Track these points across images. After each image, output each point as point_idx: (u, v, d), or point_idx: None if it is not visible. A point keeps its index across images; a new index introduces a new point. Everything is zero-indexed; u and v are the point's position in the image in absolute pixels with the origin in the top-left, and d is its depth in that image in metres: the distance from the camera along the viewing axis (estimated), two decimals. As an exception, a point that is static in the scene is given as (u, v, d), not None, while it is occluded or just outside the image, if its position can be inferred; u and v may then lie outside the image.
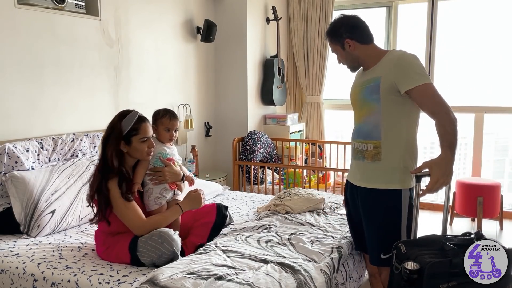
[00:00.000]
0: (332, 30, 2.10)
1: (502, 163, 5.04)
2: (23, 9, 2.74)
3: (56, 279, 1.96)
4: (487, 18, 4.55)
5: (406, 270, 1.68)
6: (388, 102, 1.98)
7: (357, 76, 2.20)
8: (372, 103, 2.01)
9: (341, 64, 2.18)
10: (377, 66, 2.03)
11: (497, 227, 4.14)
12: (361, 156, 2.08)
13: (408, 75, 1.91)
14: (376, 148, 2.02)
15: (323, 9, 4.80)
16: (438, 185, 1.79)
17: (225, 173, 4.36)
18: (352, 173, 2.18)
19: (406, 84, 1.91)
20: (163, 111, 2.34)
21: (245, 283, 1.78)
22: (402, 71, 1.93)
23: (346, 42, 2.07)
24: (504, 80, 4.54)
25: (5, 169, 2.50)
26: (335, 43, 2.11)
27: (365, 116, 2.05)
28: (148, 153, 2.19)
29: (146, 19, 3.68)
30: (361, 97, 2.07)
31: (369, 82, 2.02)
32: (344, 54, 2.10)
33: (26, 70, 2.80)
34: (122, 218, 2.09)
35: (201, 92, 4.43)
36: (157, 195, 2.25)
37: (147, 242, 2.01)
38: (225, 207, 2.48)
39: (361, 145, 2.07)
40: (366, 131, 2.05)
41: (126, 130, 2.12)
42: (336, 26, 2.09)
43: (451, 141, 1.83)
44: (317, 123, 5.05)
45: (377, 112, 2.00)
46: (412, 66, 1.93)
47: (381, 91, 1.97)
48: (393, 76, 1.94)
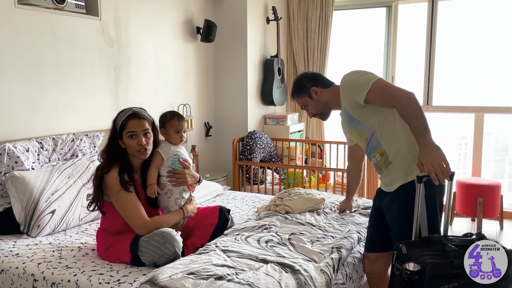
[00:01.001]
0: (296, 85, 2.28)
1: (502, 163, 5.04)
2: (23, 9, 2.74)
3: (56, 279, 1.96)
4: (487, 18, 4.55)
5: (407, 271, 1.68)
6: (363, 117, 2.09)
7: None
8: (359, 128, 2.14)
9: (314, 117, 2.34)
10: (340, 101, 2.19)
11: (497, 227, 4.14)
12: (378, 169, 2.16)
13: (353, 90, 2.04)
14: (383, 154, 2.08)
15: (323, 9, 4.80)
16: (435, 166, 1.73)
17: (225, 173, 4.36)
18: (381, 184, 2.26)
19: (358, 98, 2.02)
20: (170, 113, 2.34)
21: (245, 283, 1.78)
22: (348, 91, 2.07)
23: (312, 90, 2.22)
24: (504, 80, 4.54)
25: (5, 169, 2.50)
26: (302, 96, 2.26)
27: (364, 139, 2.16)
28: (139, 150, 2.15)
29: (146, 19, 3.68)
30: (353, 130, 2.19)
31: (344, 116, 2.20)
32: (314, 103, 2.24)
33: (26, 70, 2.80)
34: (125, 217, 2.09)
35: (201, 92, 4.43)
36: (177, 197, 2.27)
37: (149, 242, 2.01)
38: (228, 210, 2.48)
39: (373, 160, 2.15)
40: (370, 147, 2.14)
41: (118, 126, 2.14)
42: (298, 81, 2.28)
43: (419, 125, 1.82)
44: (317, 123, 5.05)
45: (367, 129, 2.10)
46: (351, 81, 2.06)
47: (352, 115, 2.12)
48: (348, 100, 2.09)
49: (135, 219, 2.08)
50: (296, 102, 2.33)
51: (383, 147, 2.07)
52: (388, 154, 2.06)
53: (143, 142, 2.14)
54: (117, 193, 2.07)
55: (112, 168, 2.10)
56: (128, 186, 2.08)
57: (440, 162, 1.74)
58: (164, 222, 2.14)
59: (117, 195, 2.07)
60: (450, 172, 1.76)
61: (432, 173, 1.75)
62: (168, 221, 2.17)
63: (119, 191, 2.07)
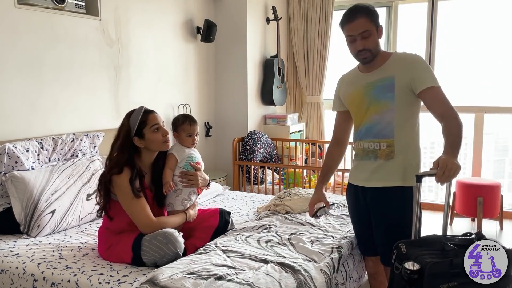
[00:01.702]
0: (373, 10, 2.02)
1: (502, 163, 5.04)
2: (23, 9, 2.74)
3: (56, 279, 1.96)
4: (487, 18, 4.55)
5: (407, 270, 1.68)
6: (402, 100, 2.01)
7: (355, 79, 2.16)
8: (385, 101, 2.02)
9: (363, 50, 2.02)
10: (386, 65, 2.05)
11: (497, 227, 4.14)
12: (372, 155, 2.07)
13: (424, 76, 1.97)
14: (390, 146, 2.03)
15: (323, 9, 4.80)
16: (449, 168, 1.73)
17: (225, 173, 4.36)
18: (358, 174, 2.16)
19: (422, 84, 1.96)
20: (182, 117, 2.37)
21: (245, 283, 1.78)
22: (419, 71, 1.97)
23: (379, 29, 2.04)
24: (504, 80, 4.54)
25: (5, 169, 2.50)
26: (373, 23, 2.00)
27: (375, 115, 2.05)
28: (164, 141, 2.20)
29: (146, 19, 3.68)
30: (370, 95, 2.05)
31: (381, 81, 2.03)
32: (376, 38, 2.03)
33: (26, 70, 2.80)
34: (131, 215, 2.10)
35: (201, 92, 4.43)
36: (184, 197, 2.30)
37: (151, 242, 2.02)
38: (228, 213, 2.49)
39: (372, 145, 2.07)
40: (378, 130, 2.05)
41: (136, 125, 2.14)
42: (374, 10, 2.03)
43: (456, 143, 1.86)
44: (317, 123, 5.05)
45: (391, 110, 2.02)
46: (427, 68, 2.00)
47: (396, 89, 2.00)
48: (409, 76, 1.98)
49: (141, 218, 2.09)
50: (359, 21, 1.98)
51: (395, 140, 2.02)
52: (395, 149, 2.02)
53: (167, 132, 2.21)
54: (126, 195, 2.08)
55: (124, 171, 2.09)
56: (138, 193, 2.09)
57: (455, 170, 1.74)
58: (168, 223, 2.16)
59: (126, 196, 2.08)
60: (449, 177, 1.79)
61: (441, 171, 1.73)
62: (172, 222, 2.19)
63: (128, 194, 2.08)
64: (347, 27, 2.02)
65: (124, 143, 2.14)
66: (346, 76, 2.25)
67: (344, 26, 2.04)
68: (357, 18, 1.99)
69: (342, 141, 2.31)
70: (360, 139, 2.12)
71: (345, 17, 2.03)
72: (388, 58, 2.06)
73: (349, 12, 2.03)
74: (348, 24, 2.01)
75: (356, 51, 2.05)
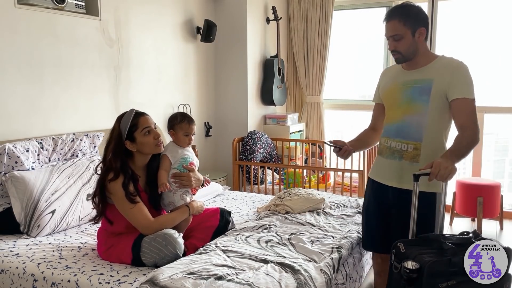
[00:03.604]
0: (413, 13, 1.99)
1: (502, 163, 5.04)
2: (23, 9, 2.75)
3: (56, 279, 1.96)
4: (487, 18, 4.55)
5: (406, 270, 1.68)
6: (436, 105, 2.00)
7: (396, 74, 2.15)
8: (419, 103, 2.02)
9: (393, 51, 2.05)
10: (428, 67, 2.03)
11: (497, 227, 4.14)
12: (398, 156, 2.08)
13: (462, 85, 1.96)
14: (416, 149, 2.03)
15: (323, 9, 4.80)
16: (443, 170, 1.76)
17: (225, 173, 4.36)
18: (381, 172, 2.16)
19: (457, 93, 1.96)
20: (180, 116, 2.33)
21: (245, 283, 1.78)
22: (458, 79, 1.97)
23: (420, 31, 2.00)
24: (504, 80, 4.54)
25: (5, 169, 2.50)
26: (408, 27, 1.98)
27: (408, 115, 2.05)
28: (157, 144, 2.18)
29: (146, 19, 3.68)
30: (406, 95, 2.05)
31: (419, 83, 2.03)
32: (410, 41, 2.00)
33: (26, 70, 2.80)
34: (129, 219, 2.09)
35: (201, 92, 4.43)
36: (181, 192, 2.28)
37: (150, 243, 2.01)
38: (229, 213, 2.49)
39: (400, 145, 2.07)
40: (408, 131, 2.05)
41: (126, 129, 2.12)
42: (417, 11, 2.01)
43: (460, 152, 1.88)
44: (317, 123, 5.05)
45: (423, 113, 2.01)
46: (468, 78, 1.99)
47: (432, 93, 1.99)
48: (447, 82, 1.97)
49: (140, 220, 2.08)
50: (391, 24, 2.00)
51: (422, 144, 2.02)
52: (421, 153, 2.02)
53: (159, 134, 2.19)
54: (121, 200, 2.07)
55: (118, 177, 2.08)
56: (133, 199, 2.08)
57: (447, 175, 1.78)
58: (168, 221, 2.15)
59: (122, 201, 2.07)
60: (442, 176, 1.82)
61: (433, 175, 1.78)
62: (172, 220, 2.17)
63: (123, 199, 2.07)
64: (384, 26, 2.05)
65: (116, 147, 2.13)
66: (389, 70, 2.24)
67: (384, 24, 2.06)
68: (390, 20, 2.01)
69: (377, 129, 2.31)
70: (388, 136, 2.13)
71: (384, 16, 2.05)
72: (432, 60, 2.05)
73: (388, 11, 2.04)
74: (384, 23, 2.05)
75: (389, 50, 2.08)
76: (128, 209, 2.07)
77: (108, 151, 2.14)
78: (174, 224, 2.17)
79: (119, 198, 2.07)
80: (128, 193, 2.07)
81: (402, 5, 2.03)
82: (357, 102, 5.14)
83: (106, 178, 2.08)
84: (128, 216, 2.09)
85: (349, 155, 2.21)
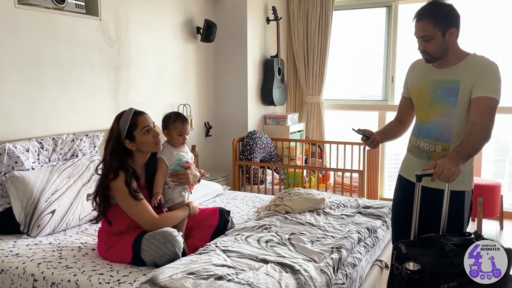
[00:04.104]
0: (443, 14, 1.94)
1: (502, 163, 5.03)
2: (23, 9, 2.74)
3: (56, 279, 1.96)
4: (487, 18, 4.55)
5: (408, 271, 1.68)
6: (463, 107, 1.98)
7: (424, 71, 2.11)
8: (447, 104, 2.00)
9: (422, 51, 2.00)
10: (457, 67, 2.00)
11: (497, 227, 4.14)
12: (426, 156, 2.07)
13: (485, 84, 1.93)
14: (445, 150, 2.02)
15: (323, 9, 4.80)
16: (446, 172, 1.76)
17: (225, 173, 4.36)
18: (411, 169, 2.13)
19: (479, 91, 1.93)
20: (174, 115, 2.33)
21: (245, 283, 1.78)
22: (484, 79, 1.94)
23: (450, 31, 1.95)
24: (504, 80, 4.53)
25: (5, 169, 2.50)
26: (438, 28, 1.93)
27: (436, 116, 2.03)
28: (155, 142, 2.19)
29: (146, 19, 3.68)
30: (434, 95, 2.03)
31: (447, 83, 2.00)
32: (440, 42, 1.96)
33: (26, 70, 2.80)
34: (134, 216, 2.10)
35: (201, 92, 4.43)
36: (180, 189, 2.32)
37: (150, 241, 2.02)
38: (228, 212, 2.49)
39: (428, 145, 2.06)
40: (437, 133, 2.03)
41: (126, 128, 2.13)
42: (448, 11, 1.95)
43: (466, 152, 1.86)
44: (317, 123, 5.05)
45: (452, 115, 1.99)
46: (494, 78, 1.96)
47: (459, 95, 1.97)
48: (473, 81, 1.94)
49: (145, 218, 2.10)
50: (421, 25, 1.95)
51: (451, 145, 2.00)
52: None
53: (158, 133, 2.20)
54: (125, 198, 2.08)
55: (119, 175, 2.09)
56: (137, 195, 2.09)
57: (450, 176, 1.78)
58: (172, 218, 2.19)
59: (125, 199, 2.08)
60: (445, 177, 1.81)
61: (436, 176, 1.78)
62: (175, 217, 2.21)
63: (127, 197, 2.08)
64: (414, 26, 2.00)
65: (115, 146, 2.14)
66: (418, 64, 2.19)
67: (414, 23, 2.02)
68: (420, 20, 1.96)
69: (404, 122, 2.29)
70: (417, 136, 2.12)
71: (414, 15, 2.00)
72: (463, 59, 2.00)
73: (418, 11, 1.99)
74: (414, 23, 2.00)
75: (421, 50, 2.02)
76: (133, 207, 2.08)
77: (108, 151, 2.15)
78: (177, 221, 2.21)
79: (122, 197, 2.08)
80: (131, 189, 2.08)
81: (433, 3, 1.96)
82: (357, 102, 5.15)
83: (107, 178, 2.08)
84: (133, 214, 2.09)
85: (377, 145, 2.18)
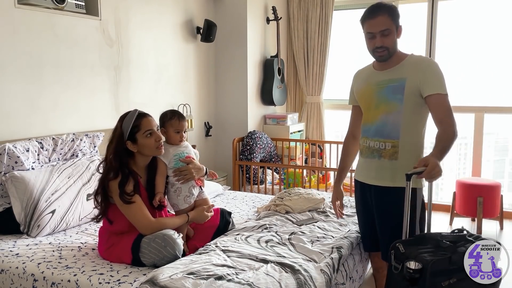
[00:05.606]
0: (396, 11, 2.05)
1: (502, 163, 5.04)
2: (23, 9, 2.74)
3: (56, 279, 1.96)
4: (487, 18, 4.55)
5: (409, 270, 1.69)
6: (410, 103, 2.03)
7: (369, 75, 2.18)
8: (394, 102, 2.05)
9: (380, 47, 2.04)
10: (400, 66, 2.07)
11: (497, 227, 4.14)
12: (377, 154, 2.11)
13: (434, 81, 2.00)
14: (394, 147, 2.06)
15: (323, 9, 4.80)
16: (434, 172, 1.82)
17: (225, 173, 4.36)
18: (363, 172, 2.20)
19: (430, 89, 1.99)
20: (170, 113, 2.32)
21: (245, 283, 1.78)
22: (430, 76, 2.00)
23: (399, 29, 2.08)
24: (504, 80, 4.54)
25: (5, 169, 2.50)
26: (394, 23, 2.04)
27: (383, 115, 2.08)
28: (157, 146, 2.17)
29: (146, 19, 3.68)
30: (380, 95, 2.09)
31: (393, 82, 2.06)
32: (395, 38, 2.07)
33: (26, 70, 2.80)
34: (128, 217, 2.10)
35: (201, 92, 4.43)
36: (186, 194, 2.27)
37: (150, 244, 2.01)
38: (229, 213, 2.49)
39: (378, 144, 2.10)
40: (385, 130, 2.08)
41: (128, 129, 2.12)
42: (396, 9, 2.07)
43: (446, 150, 1.92)
44: (317, 123, 5.05)
45: (398, 112, 2.05)
46: (439, 74, 2.02)
47: (405, 92, 2.03)
48: (419, 79, 2.01)
49: (139, 219, 2.08)
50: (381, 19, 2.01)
51: (400, 142, 2.05)
52: (400, 151, 2.05)
53: (161, 137, 2.18)
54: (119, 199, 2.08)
55: (118, 176, 2.08)
56: (128, 199, 2.07)
57: (438, 173, 1.83)
58: (168, 224, 2.14)
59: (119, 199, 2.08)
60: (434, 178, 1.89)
61: (428, 174, 1.82)
62: (173, 223, 2.17)
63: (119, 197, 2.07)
64: (368, 24, 2.04)
65: (117, 147, 2.13)
66: (361, 72, 2.27)
67: (365, 22, 2.05)
68: (379, 15, 2.01)
69: (357, 136, 2.33)
70: (366, 136, 2.16)
71: (367, 13, 2.04)
72: (403, 59, 2.09)
73: (371, 8, 2.04)
74: (369, 20, 2.03)
75: (373, 48, 2.06)
76: (128, 207, 2.07)
77: (110, 150, 2.15)
78: (173, 227, 2.16)
79: (117, 197, 2.08)
80: (122, 192, 2.06)
81: (384, 2, 2.07)
82: (357, 102, 5.14)
83: (107, 177, 2.09)
84: (127, 215, 2.09)
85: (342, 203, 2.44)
